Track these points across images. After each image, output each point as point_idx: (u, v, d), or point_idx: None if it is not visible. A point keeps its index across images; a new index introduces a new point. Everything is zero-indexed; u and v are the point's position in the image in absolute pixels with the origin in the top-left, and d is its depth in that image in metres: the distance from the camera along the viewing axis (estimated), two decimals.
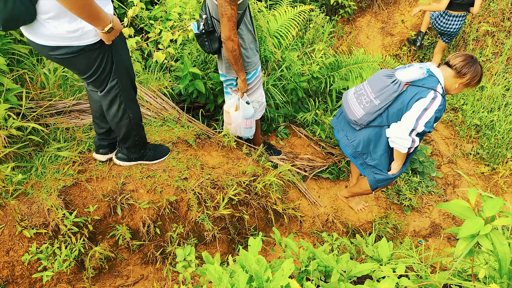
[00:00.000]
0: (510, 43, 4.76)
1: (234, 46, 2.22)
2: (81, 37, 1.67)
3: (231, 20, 2.11)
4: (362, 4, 5.79)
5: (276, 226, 2.87)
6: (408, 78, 2.23)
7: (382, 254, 1.73)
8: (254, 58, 2.49)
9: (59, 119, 2.50)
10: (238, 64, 2.33)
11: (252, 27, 2.39)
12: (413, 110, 2.22)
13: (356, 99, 2.43)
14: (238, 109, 2.66)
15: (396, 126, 2.28)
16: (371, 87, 2.36)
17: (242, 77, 2.44)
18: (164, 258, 2.41)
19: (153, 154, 2.43)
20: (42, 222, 2.02)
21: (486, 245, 1.03)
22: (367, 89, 2.38)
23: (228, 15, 2.09)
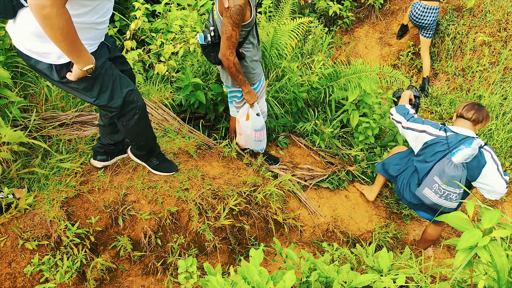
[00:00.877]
0: (506, 53, 4.82)
1: (229, 64, 2.26)
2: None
3: (229, 40, 2.16)
4: (360, 15, 5.86)
5: (277, 236, 2.88)
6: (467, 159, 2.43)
7: (382, 264, 1.74)
8: (258, 69, 2.54)
9: (62, 131, 2.52)
10: (237, 80, 2.37)
11: (257, 39, 2.44)
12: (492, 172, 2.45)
13: (446, 200, 2.54)
14: (249, 119, 2.68)
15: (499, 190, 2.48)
16: (451, 186, 2.48)
17: (246, 89, 2.46)
18: (165, 269, 2.42)
19: (157, 165, 2.45)
20: (45, 233, 2.04)
21: (484, 256, 1.05)
22: (449, 188, 2.50)
23: (227, 35, 2.14)
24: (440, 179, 2.49)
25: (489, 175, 2.44)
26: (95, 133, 2.61)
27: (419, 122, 2.65)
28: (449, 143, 2.49)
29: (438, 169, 2.48)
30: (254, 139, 2.81)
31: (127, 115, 1.95)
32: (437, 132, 2.57)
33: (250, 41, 2.38)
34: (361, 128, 3.45)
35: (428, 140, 2.56)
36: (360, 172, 3.45)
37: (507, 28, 4.93)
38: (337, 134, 3.67)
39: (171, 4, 3.31)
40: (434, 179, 2.51)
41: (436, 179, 2.51)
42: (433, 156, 2.54)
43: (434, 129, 2.58)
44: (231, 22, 2.10)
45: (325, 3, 5.09)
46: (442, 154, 2.50)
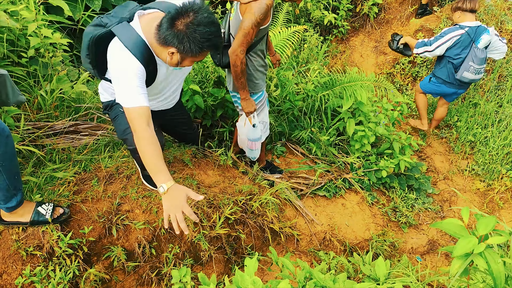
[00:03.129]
0: (501, 60, 4.85)
1: (236, 62, 2.24)
2: None
3: (245, 37, 2.16)
4: (355, 24, 5.91)
5: (273, 245, 2.85)
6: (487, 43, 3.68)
7: (379, 273, 1.72)
8: (261, 81, 2.54)
9: (56, 140, 2.50)
10: (238, 81, 2.34)
11: (264, 52, 2.45)
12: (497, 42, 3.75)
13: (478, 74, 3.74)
14: (245, 126, 2.67)
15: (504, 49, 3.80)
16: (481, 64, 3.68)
17: (243, 95, 2.43)
18: (160, 280, 2.38)
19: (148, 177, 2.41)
20: (37, 244, 2.00)
21: (480, 263, 1.03)
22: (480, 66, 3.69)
23: (245, 31, 2.14)
24: (474, 62, 3.62)
25: (496, 44, 3.70)
26: (89, 142, 2.60)
27: (440, 38, 3.71)
28: (470, 36, 3.60)
29: (470, 56, 3.62)
30: (247, 146, 2.79)
31: None
32: (458, 32, 3.64)
33: (258, 50, 2.39)
34: (357, 136, 3.45)
35: (456, 39, 3.64)
36: (357, 180, 3.44)
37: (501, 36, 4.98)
38: (333, 142, 3.66)
39: None
40: (470, 64, 3.64)
41: (471, 63, 3.63)
42: (463, 50, 3.64)
43: (454, 31, 3.65)
44: (253, 19, 2.10)
45: (320, 12, 5.12)
46: (470, 45, 3.62)
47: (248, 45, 2.23)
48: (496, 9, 5.11)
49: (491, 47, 3.71)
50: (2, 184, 1.77)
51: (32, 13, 2.46)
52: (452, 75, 3.82)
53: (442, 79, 3.91)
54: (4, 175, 1.75)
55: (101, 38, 1.82)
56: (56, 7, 3.32)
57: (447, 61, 3.79)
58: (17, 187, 1.86)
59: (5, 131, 1.70)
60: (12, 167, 1.78)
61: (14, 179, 1.81)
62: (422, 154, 4.28)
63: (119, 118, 2.11)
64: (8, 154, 1.73)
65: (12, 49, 2.48)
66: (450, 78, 3.85)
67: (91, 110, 2.73)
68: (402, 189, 3.62)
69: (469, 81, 3.77)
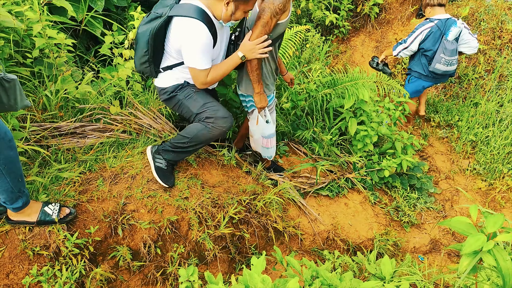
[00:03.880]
0: (501, 60, 4.87)
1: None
2: None
3: (264, 27, 2.19)
4: (356, 24, 5.92)
5: (277, 245, 2.86)
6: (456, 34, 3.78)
7: (384, 271, 1.73)
8: (270, 83, 2.56)
9: (61, 140, 2.51)
10: (254, 73, 2.35)
11: (275, 58, 2.48)
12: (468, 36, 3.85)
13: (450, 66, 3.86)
14: (258, 124, 2.66)
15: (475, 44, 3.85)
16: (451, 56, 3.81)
17: (257, 89, 2.43)
18: (165, 279, 2.39)
19: (161, 169, 2.44)
20: (43, 244, 2.01)
21: (489, 261, 1.04)
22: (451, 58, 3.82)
23: (264, 21, 2.17)
24: (444, 54, 3.75)
25: (466, 38, 3.80)
26: (94, 143, 2.60)
27: (412, 33, 3.89)
28: (440, 28, 3.75)
29: (441, 48, 3.75)
30: (262, 145, 2.79)
31: None
32: (428, 25, 3.81)
33: (272, 55, 2.41)
34: (360, 136, 3.46)
35: (427, 32, 3.80)
36: (360, 179, 3.45)
37: (501, 36, 5.00)
38: (335, 142, 3.67)
39: None
40: (441, 56, 3.77)
41: (442, 55, 3.77)
42: (435, 42, 3.79)
43: (424, 25, 3.83)
44: (272, 8, 2.14)
45: (322, 12, 5.14)
46: (440, 38, 3.76)
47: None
48: (496, 9, 5.13)
49: (461, 41, 3.82)
50: (6, 186, 1.79)
51: (37, 14, 2.47)
52: (426, 67, 3.97)
53: (419, 73, 4.04)
54: (7, 178, 1.77)
55: (160, 28, 2.12)
56: (59, 8, 3.32)
57: (421, 55, 3.95)
58: (21, 189, 1.87)
59: (8, 135, 1.72)
60: (16, 169, 1.80)
61: (18, 181, 1.83)
62: (424, 153, 4.30)
63: (194, 96, 2.36)
64: (11, 157, 1.75)
65: (17, 50, 2.49)
66: (425, 71, 3.99)
67: (95, 110, 2.74)
68: (404, 189, 3.63)
69: (442, 72, 3.89)
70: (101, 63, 3.47)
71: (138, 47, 2.25)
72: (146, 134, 2.82)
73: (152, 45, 2.17)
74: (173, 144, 2.42)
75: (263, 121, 2.62)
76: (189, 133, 2.36)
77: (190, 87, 2.37)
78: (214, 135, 2.35)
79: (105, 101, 2.82)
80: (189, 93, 2.36)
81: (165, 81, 2.36)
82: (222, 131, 2.34)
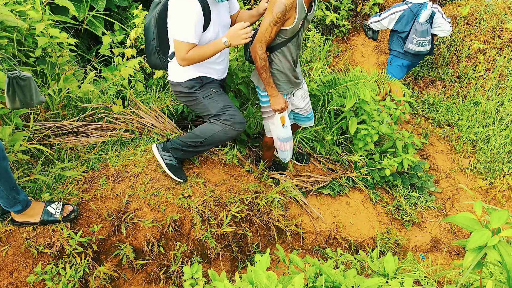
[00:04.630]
0: (501, 59, 4.89)
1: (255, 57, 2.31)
2: None
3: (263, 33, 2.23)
4: (356, 24, 5.93)
5: (279, 243, 2.87)
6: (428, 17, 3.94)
7: (388, 268, 1.74)
8: (284, 84, 2.53)
9: (64, 139, 2.51)
10: (261, 77, 2.37)
11: (294, 56, 2.46)
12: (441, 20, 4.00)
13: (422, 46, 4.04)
14: (275, 125, 2.64)
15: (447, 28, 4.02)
16: (422, 37, 3.99)
17: (269, 92, 2.44)
18: (168, 278, 2.40)
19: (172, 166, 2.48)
20: (47, 242, 2.02)
21: (494, 256, 1.05)
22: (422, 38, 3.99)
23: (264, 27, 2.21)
24: (416, 35, 3.97)
25: (439, 22, 3.96)
26: (97, 142, 2.61)
27: (387, 11, 4.11)
28: (413, 11, 3.96)
29: (413, 29, 3.96)
30: (279, 147, 2.76)
31: None
32: (402, 7, 4.02)
33: (285, 51, 2.39)
34: (360, 135, 3.47)
35: (400, 15, 4.03)
36: (361, 178, 3.46)
37: (501, 36, 5.01)
38: (337, 141, 3.68)
39: None
40: (413, 36, 3.99)
41: (414, 36, 3.99)
42: (407, 24, 4.02)
43: (399, 7, 4.04)
44: (271, 16, 2.16)
45: (322, 12, 5.14)
46: (413, 20, 3.98)
47: (267, 42, 2.28)
48: (496, 8, 5.15)
49: (434, 24, 4.03)
50: (1, 194, 1.81)
51: (39, 13, 2.48)
52: (402, 47, 4.25)
53: (397, 51, 4.29)
54: (1, 186, 1.79)
55: (161, 12, 2.18)
56: (60, 7, 3.33)
57: (397, 36, 4.22)
58: (15, 197, 1.88)
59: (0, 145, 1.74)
60: (9, 179, 1.81)
61: (11, 189, 1.84)
62: (424, 152, 4.31)
63: (214, 97, 2.37)
64: (4, 167, 1.76)
65: (19, 49, 2.49)
66: (403, 50, 4.26)
67: (98, 109, 2.75)
68: (405, 188, 3.64)
69: (415, 52, 4.12)
70: (103, 63, 3.47)
71: (146, 39, 2.29)
72: (148, 133, 2.82)
73: (156, 32, 2.21)
74: (184, 143, 2.43)
75: (279, 124, 2.59)
76: (204, 133, 2.38)
77: (209, 85, 2.38)
78: (228, 138, 2.40)
79: (108, 100, 2.83)
80: (209, 92, 2.37)
81: (178, 75, 2.35)
82: (236, 134, 2.39)
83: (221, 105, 2.36)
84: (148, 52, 2.34)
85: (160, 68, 2.46)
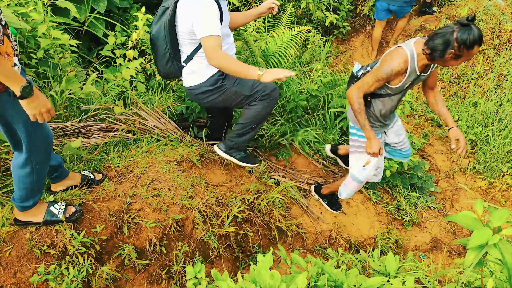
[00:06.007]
0: (500, 60, 4.91)
1: (350, 99, 2.29)
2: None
3: (364, 85, 2.25)
4: (355, 25, 5.95)
5: (280, 243, 2.88)
6: None
7: (389, 268, 1.76)
8: (379, 126, 2.51)
9: (66, 140, 2.52)
10: (356, 117, 2.32)
11: (395, 107, 2.43)
12: None
13: None
14: (356, 161, 2.59)
15: None
16: None
17: (366, 134, 2.35)
18: (170, 278, 2.41)
19: (244, 157, 2.70)
20: (50, 242, 2.03)
21: (495, 254, 1.07)
22: None
23: (365, 81, 2.24)
24: None
25: None
26: (99, 142, 2.62)
27: None
28: None
29: None
30: (345, 181, 2.73)
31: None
32: None
33: (385, 102, 2.36)
34: None
35: None
36: None
37: (500, 36, 5.04)
38: (337, 142, 3.69)
39: None
40: None
41: None
42: None
43: None
44: (376, 74, 2.18)
45: (322, 13, 5.16)
46: None
47: (365, 92, 2.27)
48: (495, 9, 5.17)
49: None
50: (30, 184, 1.85)
51: (41, 15, 2.49)
52: None
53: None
54: (35, 177, 1.83)
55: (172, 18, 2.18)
56: (61, 9, 3.34)
57: None
58: (40, 189, 1.93)
59: (51, 137, 1.82)
60: (44, 171, 1.88)
61: (41, 181, 1.89)
62: (424, 153, 4.33)
63: (241, 81, 2.39)
64: (45, 159, 1.84)
65: (22, 51, 2.51)
66: None
67: (99, 110, 2.76)
68: (405, 188, 3.66)
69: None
70: (104, 64, 3.49)
71: (157, 49, 2.28)
72: (150, 134, 2.84)
73: (169, 39, 2.23)
74: (239, 135, 2.55)
75: (362, 162, 2.54)
76: (250, 117, 2.46)
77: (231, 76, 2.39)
78: (272, 108, 2.50)
79: (109, 101, 2.84)
80: (235, 78, 2.39)
81: (198, 77, 2.37)
82: (277, 101, 2.49)
83: (249, 84, 2.39)
84: (162, 62, 2.33)
85: (173, 76, 2.45)
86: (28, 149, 1.73)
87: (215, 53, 2.10)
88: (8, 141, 1.75)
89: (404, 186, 3.65)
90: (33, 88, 1.52)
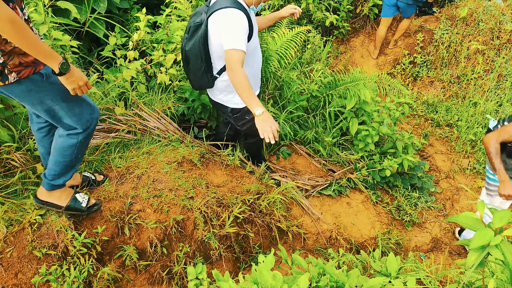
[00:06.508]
0: (500, 60, 4.92)
1: (486, 146, 2.48)
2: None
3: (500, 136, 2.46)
4: (355, 25, 5.96)
5: (280, 244, 2.89)
6: None
7: (390, 268, 1.76)
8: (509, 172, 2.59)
9: None
10: (491, 160, 2.46)
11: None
12: None
13: None
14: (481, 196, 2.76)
15: None
16: None
17: (499, 177, 2.46)
18: (170, 278, 2.41)
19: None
20: (52, 243, 2.03)
21: (496, 255, 1.07)
22: None
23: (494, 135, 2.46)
24: None
25: None
26: (100, 143, 2.62)
27: None
28: None
29: None
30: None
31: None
32: None
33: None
34: (361, 135, 3.49)
35: None
36: (361, 179, 3.48)
37: (499, 37, 5.04)
38: (337, 142, 3.70)
39: (171, 16, 3.35)
40: None
41: None
42: None
43: None
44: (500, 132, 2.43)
45: (322, 13, 5.17)
46: None
47: (503, 141, 2.44)
48: (494, 9, 5.18)
49: None
50: (69, 157, 1.89)
51: (42, 16, 2.49)
52: None
53: None
54: (76, 151, 1.88)
55: (205, 33, 2.20)
56: (62, 10, 3.34)
57: None
58: (74, 166, 1.97)
59: (97, 112, 1.91)
60: (86, 147, 1.96)
61: (79, 158, 1.94)
62: (424, 153, 4.33)
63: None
64: (91, 134, 1.92)
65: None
66: None
67: (100, 111, 2.76)
68: (406, 188, 3.66)
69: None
70: (105, 65, 3.49)
71: (191, 64, 2.32)
72: (150, 135, 2.84)
73: (204, 52, 2.24)
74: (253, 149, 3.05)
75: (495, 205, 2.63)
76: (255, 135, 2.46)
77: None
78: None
79: (110, 102, 2.84)
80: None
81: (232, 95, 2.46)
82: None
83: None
84: (197, 75, 2.37)
85: (206, 87, 2.49)
86: (76, 122, 1.80)
87: (237, 67, 2.06)
88: (53, 123, 1.82)
89: (404, 187, 3.65)
90: (69, 64, 1.58)
